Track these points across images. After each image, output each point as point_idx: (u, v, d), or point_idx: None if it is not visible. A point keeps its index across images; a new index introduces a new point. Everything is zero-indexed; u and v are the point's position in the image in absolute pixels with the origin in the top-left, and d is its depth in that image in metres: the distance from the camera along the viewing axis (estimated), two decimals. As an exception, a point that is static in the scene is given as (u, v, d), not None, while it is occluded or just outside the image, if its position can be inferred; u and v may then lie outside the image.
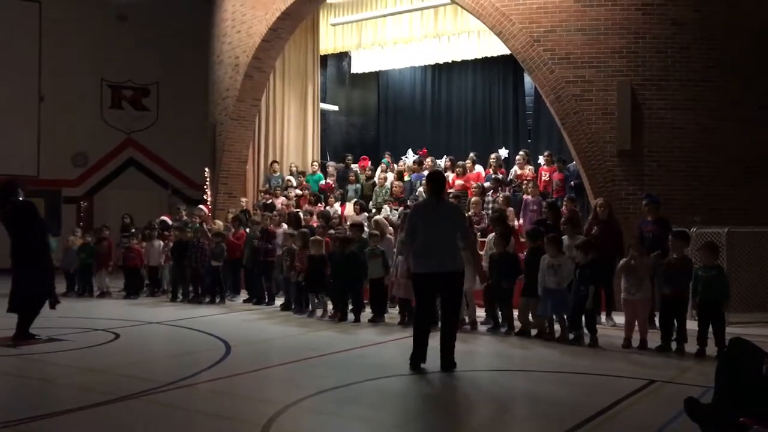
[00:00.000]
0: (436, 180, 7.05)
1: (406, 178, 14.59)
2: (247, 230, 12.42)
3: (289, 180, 15.73)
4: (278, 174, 16.21)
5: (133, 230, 13.57)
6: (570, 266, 8.15)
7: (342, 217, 13.11)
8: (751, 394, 3.99)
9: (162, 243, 12.90)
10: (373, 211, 13.41)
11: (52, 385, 6.31)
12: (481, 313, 9.49)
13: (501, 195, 12.31)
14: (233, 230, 12.52)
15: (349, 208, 13.81)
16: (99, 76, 20.26)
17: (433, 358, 6.68)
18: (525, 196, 12.14)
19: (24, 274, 8.21)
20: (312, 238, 10.51)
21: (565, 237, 8.95)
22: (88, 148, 20.10)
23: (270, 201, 14.58)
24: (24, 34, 19.14)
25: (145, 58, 20.15)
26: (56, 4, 19.43)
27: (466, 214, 11.15)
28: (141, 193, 19.56)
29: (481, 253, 9.59)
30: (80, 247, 13.37)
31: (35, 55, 19.36)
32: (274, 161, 16.48)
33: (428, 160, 14.60)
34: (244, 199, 15.65)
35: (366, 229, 11.14)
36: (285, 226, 12.05)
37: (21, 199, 8.43)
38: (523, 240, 10.21)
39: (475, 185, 13.02)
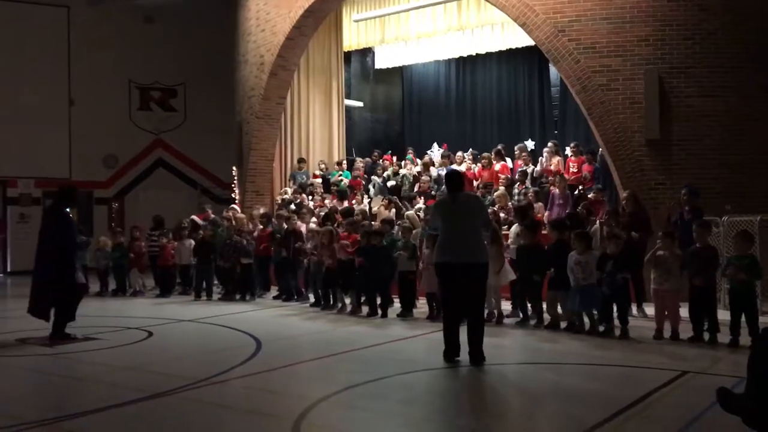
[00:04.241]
0: (451, 178, 7.18)
1: (433, 172, 14.58)
2: (272, 224, 12.52)
3: (314, 182, 15.75)
4: (304, 170, 16.31)
5: (165, 230, 13.75)
6: (595, 261, 8.09)
7: (369, 212, 13.11)
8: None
9: (193, 242, 13.06)
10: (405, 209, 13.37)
11: (87, 383, 6.44)
12: (506, 306, 9.47)
13: (531, 189, 12.25)
14: (261, 227, 12.63)
15: (375, 204, 13.83)
16: (127, 78, 20.53)
17: (463, 352, 6.69)
18: (552, 190, 12.05)
19: (51, 282, 8.32)
20: (341, 242, 10.48)
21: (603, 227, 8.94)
22: (118, 149, 20.40)
23: (299, 200, 14.66)
24: (53, 39, 19.45)
25: (171, 59, 20.39)
26: (84, 9, 19.71)
27: (492, 207, 11.20)
28: (170, 193, 19.80)
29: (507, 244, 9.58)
30: (114, 247, 13.59)
31: (64, 60, 19.67)
32: (301, 159, 16.57)
33: (459, 154, 14.61)
34: (289, 189, 15.63)
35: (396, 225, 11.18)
36: (312, 225, 12.15)
37: (67, 209, 8.63)
38: (544, 232, 10.14)
39: (503, 177, 13.00)
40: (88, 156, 19.72)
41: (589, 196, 11.39)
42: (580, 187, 12.39)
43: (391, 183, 14.75)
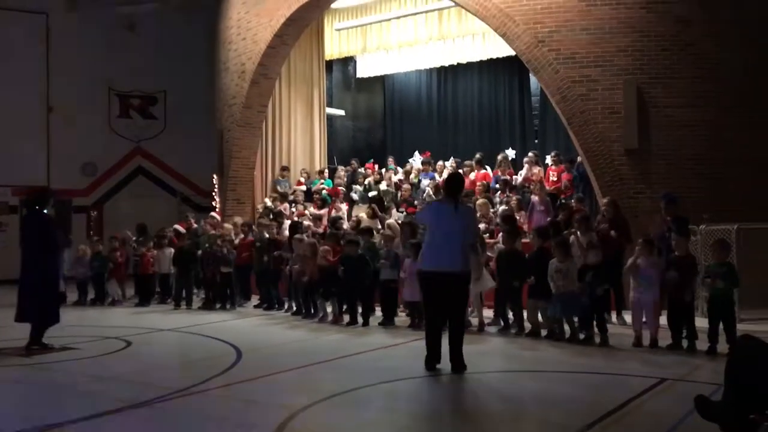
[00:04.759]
0: (454, 181, 7.12)
1: (413, 178, 14.64)
2: (253, 233, 12.47)
3: (296, 190, 15.72)
4: (286, 179, 16.30)
5: (141, 238, 13.65)
6: (576, 269, 8.13)
7: (350, 220, 13.11)
8: (761, 390, 3.98)
9: (173, 251, 12.97)
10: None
11: (65, 394, 6.36)
12: (488, 314, 9.50)
13: (513, 198, 12.33)
14: (243, 235, 12.58)
15: (357, 212, 13.84)
16: (106, 86, 20.37)
17: (445, 360, 6.70)
18: (532, 198, 12.13)
19: (36, 284, 8.26)
20: (322, 248, 10.48)
21: (577, 234, 8.99)
22: (97, 157, 20.20)
23: (278, 209, 14.64)
24: (32, 45, 19.25)
25: (151, 66, 20.24)
26: (63, 16, 19.55)
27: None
28: (150, 202, 19.63)
29: (490, 254, 9.61)
30: (93, 256, 13.46)
31: (43, 66, 19.47)
32: (285, 167, 16.55)
33: (440, 163, 14.68)
34: (268, 200, 15.55)
35: (376, 233, 11.18)
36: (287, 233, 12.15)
37: (44, 211, 8.53)
38: (526, 240, 10.20)
39: (479, 184, 13.09)
40: (66, 163, 19.50)
41: (571, 202, 11.47)
42: (562, 197, 12.48)
43: (372, 193, 14.76)
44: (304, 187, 15.93)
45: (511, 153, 15.06)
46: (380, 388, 6.15)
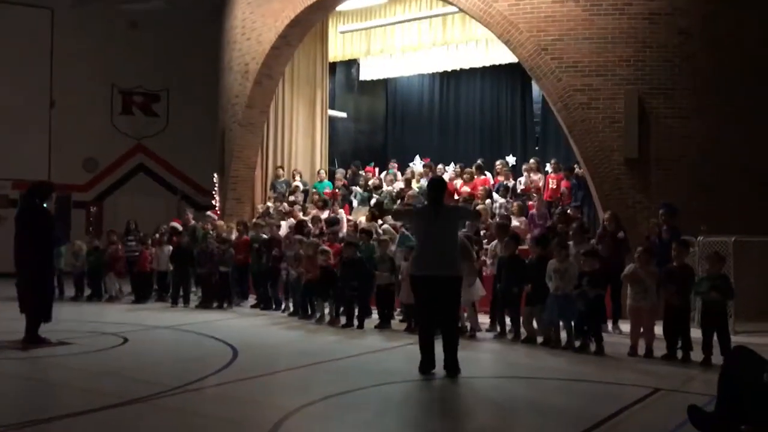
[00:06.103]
0: (434, 187, 7.15)
1: (415, 184, 14.65)
2: (251, 234, 12.50)
3: (296, 186, 15.75)
4: (282, 179, 16.30)
5: (137, 236, 13.67)
6: (575, 270, 8.16)
7: (347, 222, 13.12)
8: (753, 402, 4.00)
9: (171, 248, 12.99)
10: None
11: (61, 388, 6.38)
12: (483, 320, 9.52)
13: (514, 204, 12.35)
14: (239, 235, 12.61)
15: (356, 215, 13.85)
16: (110, 82, 20.42)
17: (439, 364, 6.71)
18: (531, 210, 12.16)
19: (33, 278, 8.26)
20: (321, 248, 10.53)
21: (571, 243, 9.00)
22: (99, 153, 20.26)
23: (281, 208, 14.66)
24: (36, 40, 19.32)
25: (155, 64, 20.30)
26: (68, 11, 19.61)
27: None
28: (150, 199, 19.68)
29: (485, 258, 9.65)
30: (89, 251, 13.47)
31: (47, 61, 19.54)
32: (279, 167, 16.57)
33: (440, 167, 14.71)
34: (270, 204, 15.59)
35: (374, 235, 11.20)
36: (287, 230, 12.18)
37: (45, 205, 8.51)
38: (524, 247, 10.21)
39: (481, 188, 13.13)
40: (67, 159, 19.55)
41: (568, 212, 11.51)
42: (560, 206, 12.51)
43: (374, 199, 14.75)
44: (302, 187, 15.90)
45: (511, 160, 15.09)
46: (374, 391, 6.16)
